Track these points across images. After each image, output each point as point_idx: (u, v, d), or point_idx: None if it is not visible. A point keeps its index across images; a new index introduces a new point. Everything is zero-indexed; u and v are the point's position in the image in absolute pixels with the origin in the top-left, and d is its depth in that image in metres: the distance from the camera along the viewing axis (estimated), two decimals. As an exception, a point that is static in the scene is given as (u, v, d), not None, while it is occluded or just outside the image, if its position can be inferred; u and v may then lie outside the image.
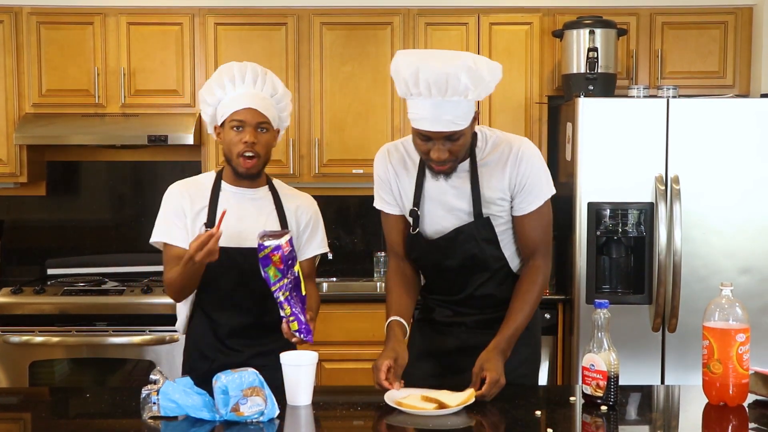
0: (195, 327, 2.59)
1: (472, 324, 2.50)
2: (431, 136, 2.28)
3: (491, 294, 2.49)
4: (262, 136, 2.50)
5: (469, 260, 2.45)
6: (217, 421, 2.06)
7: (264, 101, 2.51)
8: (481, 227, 2.42)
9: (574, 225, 3.79)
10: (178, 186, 2.60)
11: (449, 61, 2.21)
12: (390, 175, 2.50)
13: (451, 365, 2.49)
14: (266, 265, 2.28)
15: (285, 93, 2.59)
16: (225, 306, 2.53)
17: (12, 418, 2.29)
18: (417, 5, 4.26)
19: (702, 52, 4.28)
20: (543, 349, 3.98)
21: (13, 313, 3.97)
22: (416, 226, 2.46)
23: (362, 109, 4.28)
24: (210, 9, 4.27)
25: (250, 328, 2.54)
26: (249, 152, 2.47)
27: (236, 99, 2.49)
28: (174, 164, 4.60)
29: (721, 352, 2.13)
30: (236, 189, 2.56)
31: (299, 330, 2.31)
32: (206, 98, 2.56)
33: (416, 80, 2.21)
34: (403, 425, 2.07)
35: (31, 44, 4.25)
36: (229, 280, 2.50)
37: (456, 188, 2.42)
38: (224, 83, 2.51)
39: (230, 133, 2.49)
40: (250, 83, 2.52)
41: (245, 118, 2.47)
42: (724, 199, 3.75)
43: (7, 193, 4.57)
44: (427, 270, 2.57)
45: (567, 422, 2.18)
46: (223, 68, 2.55)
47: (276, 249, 2.26)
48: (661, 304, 3.73)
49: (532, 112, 4.27)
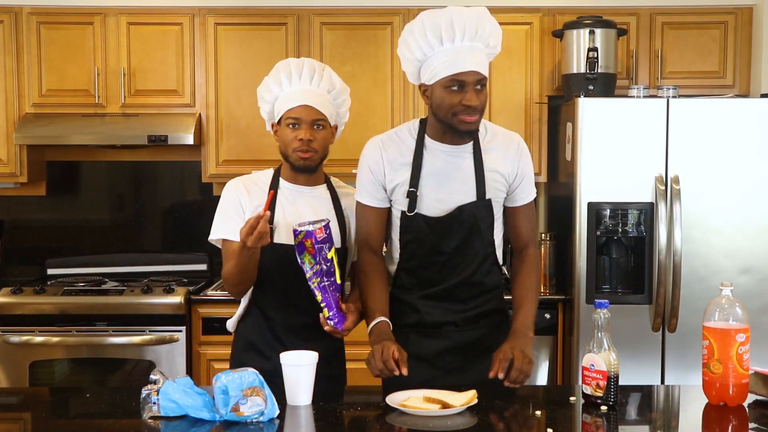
0: (250, 324, 2.55)
1: (460, 322, 2.49)
2: (465, 81, 2.35)
3: (480, 282, 2.50)
4: (318, 133, 2.49)
5: (464, 243, 2.46)
6: (217, 421, 2.06)
7: (320, 97, 2.50)
8: (482, 208, 2.46)
9: (574, 225, 3.79)
10: (236, 182, 2.57)
11: (474, 9, 2.40)
12: (383, 164, 2.48)
13: (445, 366, 2.49)
14: (301, 252, 2.27)
15: (343, 89, 2.59)
16: (281, 304, 2.51)
17: (12, 418, 2.29)
18: (417, 5, 4.26)
19: (702, 52, 4.28)
20: (543, 349, 3.98)
21: (13, 313, 3.97)
22: (413, 208, 2.46)
23: (362, 109, 4.27)
24: (210, 9, 4.27)
25: (306, 328, 2.49)
26: (305, 149, 2.47)
27: (292, 96, 2.49)
28: (174, 164, 4.60)
29: (721, 352, 2.13)
30: (294, 186, 2.54)
31: (330, 317, 2.29)
32: (264, 95, 2.56)
33: (451, 23, 2.34)
34: (403, 425, 2.07)
35: (31, 44, 4.25)
36: (286, 278, 2.48)
37: (459, 169, 2.46)
38: (281, 80, 2.51)
39: (286, 131, 2.49)
40: (307, 79, 2.51)
41: (300, 115, 2.47)
42: (724, 199, 3.75)
43: (7, 193, 4.57)
44: (417, 257, 2.50)
45: (567, 422, 2.18)
46: (281, 64, 2.54)
47: (308, 235, 2.25)
48: (661, 304, 3.73)
49: (532, 112, 4.27)
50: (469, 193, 2.46)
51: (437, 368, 2.47)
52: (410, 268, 2.52)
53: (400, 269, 2.54)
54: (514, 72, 4.20)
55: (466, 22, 2.35)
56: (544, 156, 4.28)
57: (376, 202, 2.52)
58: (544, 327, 3.98)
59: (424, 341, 2.50)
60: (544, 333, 3.98)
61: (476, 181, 2.46)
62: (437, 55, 2.37)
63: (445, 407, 2.10)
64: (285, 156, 2.52)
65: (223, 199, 2.56)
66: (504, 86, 4.23)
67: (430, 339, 2.50)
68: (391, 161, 2.48)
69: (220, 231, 2.53)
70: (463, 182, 2.46)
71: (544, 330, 3.98)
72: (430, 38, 2.37)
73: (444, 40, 2.36)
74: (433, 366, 2.48)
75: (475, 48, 2.38)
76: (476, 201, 2.45)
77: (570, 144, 3.87)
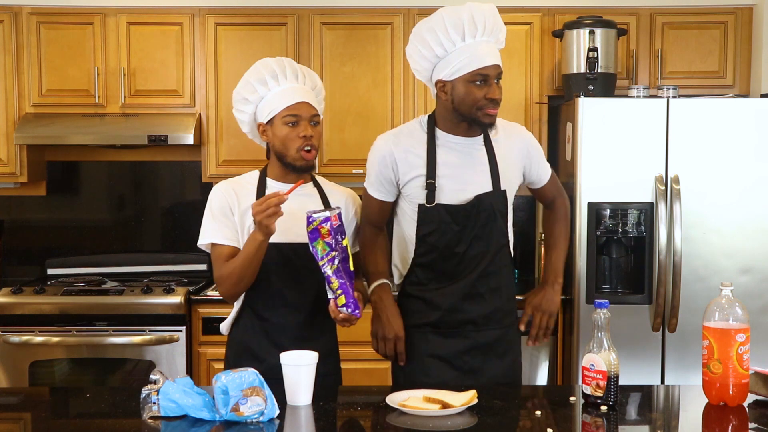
0: (243, 326, 2.54)
1: (479, 320, 2.50)
2: (489, 75, 2.45)
3: (496, 273, 2.53)
4: (315, 129, 2.50)
5: (483, 233, 2.48)
6: (217, 421, 2.06)
7: (310, 94, 2.52)
8: (499, 197, 2.51)
9: (574, 225, 3.78)
10: (223, 185, 2.55)
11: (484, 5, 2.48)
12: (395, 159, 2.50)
13: (463, 366, 2.50)
14: (314, 239, 2.25)
15: (321, 87, 2.62)
16: (276, 304, 2.49)
17: (12, 418, 2.29)
18: (417, 5, 4.26)
19: (702, 52, 4.28)
20: (543, 349, 3.99)
21: (13, 313, 3.97)
22: (432, 199, 2.47)
23: (362, 109, 4.28)
24: (210, 9, 4.27)
25: (302, 327, 2.49)
26: (308, 146, 2.46)
27: (286, 94, 2.47)
28: (174, 164, 4.60)
29: (721, 352, 2.13)
30: (283, 185, 2.51)
31: (346, 304, 2.26)
32: (247, 97, 2.53)
33: (472, 20, 2.43)
34: (402, 425, 2.07)
35: (31, 44, 4.26)
36: (280, 277, 2.47)
37: (474, 160, 2.50)
38: (266, 80, 2.49)
39: (284, 129, 2.47)
40: (293, 78, 2.51)
41: (300, 112, 2.47)
42: (724, 199, 3.75)
43: (7, 193, 4.57)
44: (437, 249, 2.51)
45: (567, 422, 2.18)
46: (259, 65, 2.53)
47: (325, 221, 2.24)
48: (661, 304, 3.73)
49: (532, 112, 4.27)
50: (485, 183, 2.50)
51: (457, 368, 2.49)
52: (427, 263, 2.53)
53: (415, 265, 2.55)
54: (514, 72, 4.20)
55: (486, 18, 2.45)
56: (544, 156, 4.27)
57: (383, 196, 2.58)
58: (544, 327, 3.98)
59: (444, 341, 2.52)
60: (544, 333, 3.98)
61: (491, 171, 2.51)
62: (459, 51, 2.43)
63: (445, 407, 2.10)
64: (282, 156, 2.49)
65: (211, 203, 2.52)
66: (504, 86, 4.13)
67: (450, 339, 2.52)
68: (404, 155, 2.50)
69: (209, 235, 2.50)
70: (479, 173, 2.50)
71: (544, 330, 3.98)
72: (452, 34, 2.42)
73: (466, 36, 2.43)
74: (454, 366, 2.49)
75: (491, 43, 2.49)
76: (493, 191, 2.49)
77: (570, 144, 3.87)
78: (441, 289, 2.51)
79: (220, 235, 2.48)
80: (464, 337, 2.50)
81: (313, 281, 2.47)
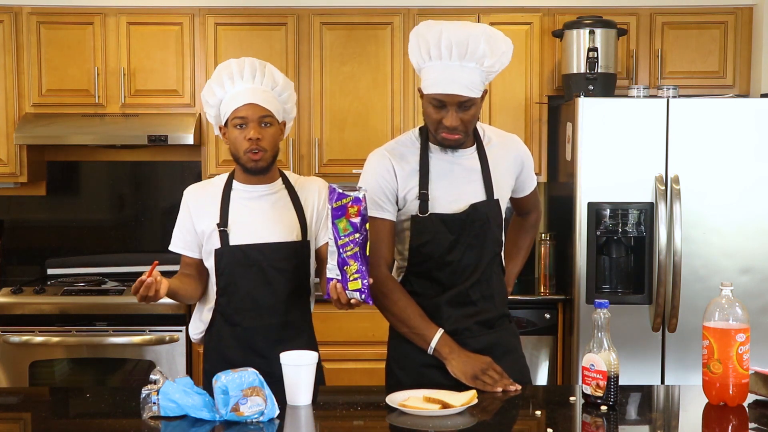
0: (217, 335, 2.53)
1: (475, 328, 2.49)
2: (446, 102, 2.33)
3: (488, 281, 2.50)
4: (266, 131, 2.46)
5: (477, 241, 2.46)
6: (217, 421, 2.06)
7: (265, 94, 2.48)
8: (493, 206, 2.48)
9: (574, 225, 3.79)
10: (191, 189, 2.61)
11: (470, 27, 2.35)
12: (394, 173, 2.45)
13: None
14: (338, 216, 2.15)
15: (286, 84, 2.57)
16: (247, 307, 2.48)
17: (12, 418, 2.29)
18: (417, 5, 4.26)
19: (702, 52, 4.28)
20: (543, 349, 3.99)
21: (13, 313, 3.97)
22: (425, 209, 2.44)
23: (362, 109, 4.28)
24: (210, 9, 4.27)
25: (277, 329, 2.49)
26: (255, 148, 2.44)
27: (236, 96, 2.47)
28: (174, 164, 4.60)
29: (721, 352, 2.13)
30: (249, 187, 2.53)
31: (360, 290, 2.17)
32: (208, 99, 2.54)
33: (438, 42, 2.31)
34: (402, 425, 2.07)
35: (31, 44, 4.25)
36: (249, 279, 2.47)
37: (467, 170, 2.47)
38: (223, 81, 2.50)
39: (234, 132, 2.47)
40: (249, 78, 2.49)
41: (246, 114, 2.45)
42: (724, 199, 3.75)
43: (7, 193, 4.57)
44: (431, 258, 2.47)
45: (567, 422, 2.18)
46: (221, 66, 2.54)
47: (356, 201, 2.14)
48: (661, 304, 3.74)
49: (532, 112, 4.27)
50: (478, 192, 2.47)
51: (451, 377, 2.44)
52: (421, 272, 2.49)
53: (408, 275, 2.51)
54: (514, 72, 4.20)
55: (454, 42, 2.30)
56: (544, 156, 4.28)
57: (389, 215, 2.46)
58: (544, 327, 3.98)
59: None
60: (544, 333, 3.98)
61: (484, 180, 2.47)
62: (427, 69, 2.37)
63: (445, 407, 2.10)
64: (236, 158, 2.50)
65: (180, 209, 2.61)
66: (504, 86, 4.23)
67: None
68: (401, 168, 2.45)
69: (172, 243, 2.64)
70: (472, 182, 2.47)
71: (544, 330, 3.98)
72: (422, 51, 2.37)
73: (432, 57, 2.35)
74: (449, 376, 2.45)
75: (467, 67, 2.33)
76: (487, 200, 2.47)
77: (570, 144, 3.87)
78: (435, 297, 2.49)
79: (180, 244, 2.61)
80: (461, 345, 2.48)
81: (282, 281, 2.46)
